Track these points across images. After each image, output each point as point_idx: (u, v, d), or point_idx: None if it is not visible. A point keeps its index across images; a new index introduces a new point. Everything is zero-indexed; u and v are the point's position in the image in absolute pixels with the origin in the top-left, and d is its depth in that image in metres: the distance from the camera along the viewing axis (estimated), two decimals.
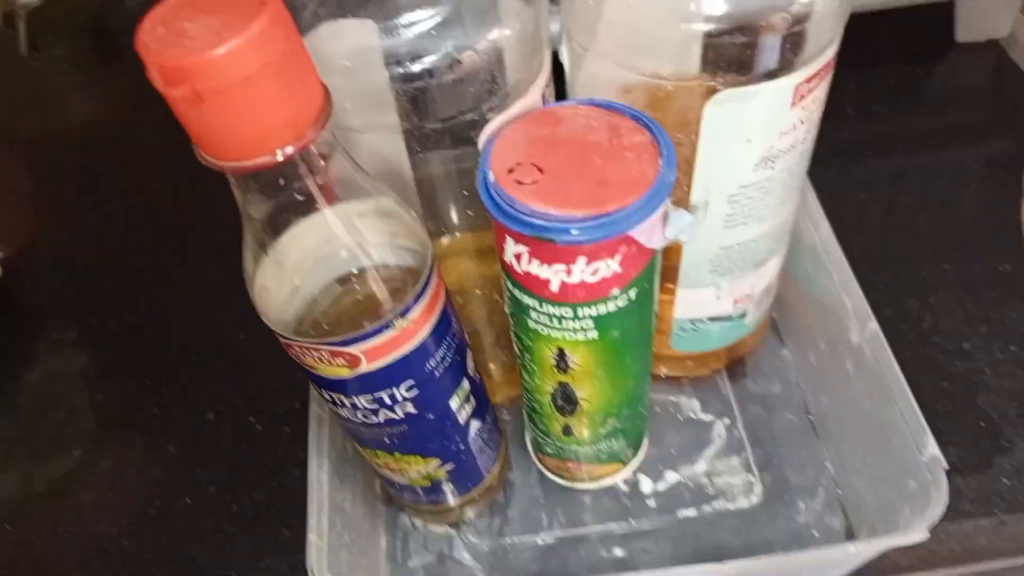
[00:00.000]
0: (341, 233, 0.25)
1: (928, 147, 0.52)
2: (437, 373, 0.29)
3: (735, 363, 0.42)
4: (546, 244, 0.24)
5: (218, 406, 0.46)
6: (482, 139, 0.28)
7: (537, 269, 0.25)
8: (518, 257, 0.25)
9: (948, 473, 0.29)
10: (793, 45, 0.27)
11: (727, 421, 0.40)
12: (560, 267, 0.24)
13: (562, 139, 0.25)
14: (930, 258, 0.46)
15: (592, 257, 0.24)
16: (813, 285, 0.38)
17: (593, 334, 0.27)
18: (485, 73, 0.27)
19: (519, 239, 0.24)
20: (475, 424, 0.34)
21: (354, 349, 0.26)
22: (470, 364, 0.32)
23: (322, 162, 0.23)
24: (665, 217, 0.25)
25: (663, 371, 0.42)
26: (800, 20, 0.27)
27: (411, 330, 0.27)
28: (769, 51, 0.27)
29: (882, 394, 0.32)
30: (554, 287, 0.25)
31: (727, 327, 0.38)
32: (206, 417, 0.45)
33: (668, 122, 0.29)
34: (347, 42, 0.26)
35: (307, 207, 0.24)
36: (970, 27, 0.57)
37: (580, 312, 0.26)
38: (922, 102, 0.55)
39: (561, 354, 0.28)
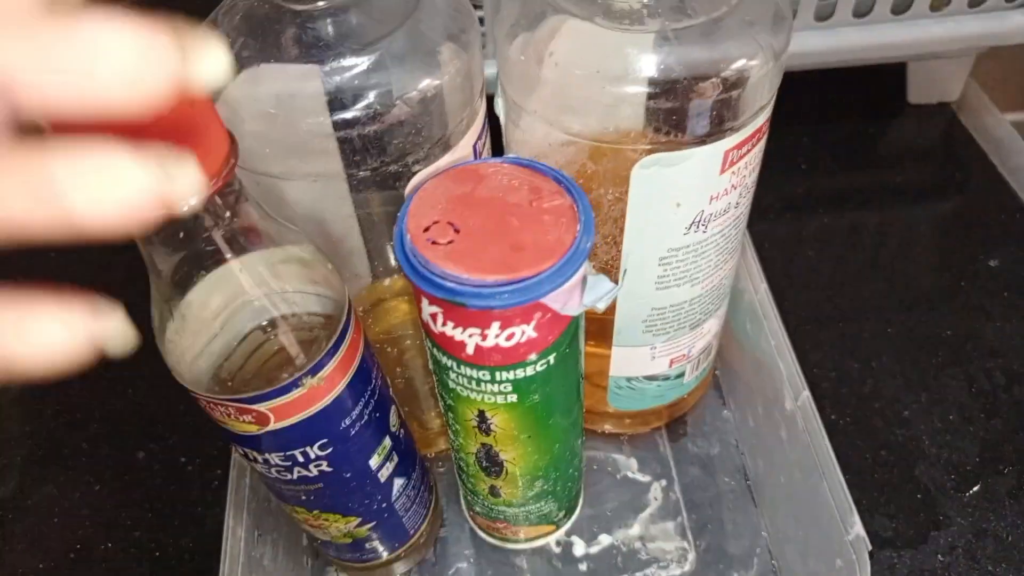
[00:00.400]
0: (250, 285, 0.25)
1: (878, 206, 0.52)
2: (354, 431, 0.28)
3: (675, 421, 0.42)
4: (459, 308, 0.23)
5: (149, 443, 0.45)
6: (407, 192, 0.27)
7: (452, 331, 0.24)
8: (433, 317, 0.24)
9: (883, 547, 0.29)
10: (723, 111, 0.27)
11: (664, 483, 0.39)
12: (474, 331, 0.24)
13: (482, 198, 0.24)
14: (875, 319, 0.45)
15: (506, 323, 0.24)
16: (753, 345, 0.38)
17: (512, 397, 0.27)
18: (412, 124, 0.26)
19: (432, 300, 0.24)
20: (399, 482, 0.33)
21: (261, 407, 0.25)
22: (393, 420, 0.31)
23: (228, 213, 0.23)
24: (583, 283, 0.25)
25: (606, 428, 0.41)
26: (730, 87, 0.26)
27: (323, 388, 0.26)
28: (698, 116, 0.27)
29: (811, 467, 0.32)
30: (469, 350, 0.25)
31: (664, 386, 0.38)
32: (136, 455, 0.44)
33: (606, 176, 0.29)
34: (272, 88, 0.26)
35: (215, 259, 0.24)
36: (922, 89, 0.58)
37: (498, 376, 0.26)
38: (873, 161, 0.55)
39: (482, 416, 0.28)
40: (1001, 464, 0.39)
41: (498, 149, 0.32)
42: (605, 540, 0.38)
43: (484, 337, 0.24)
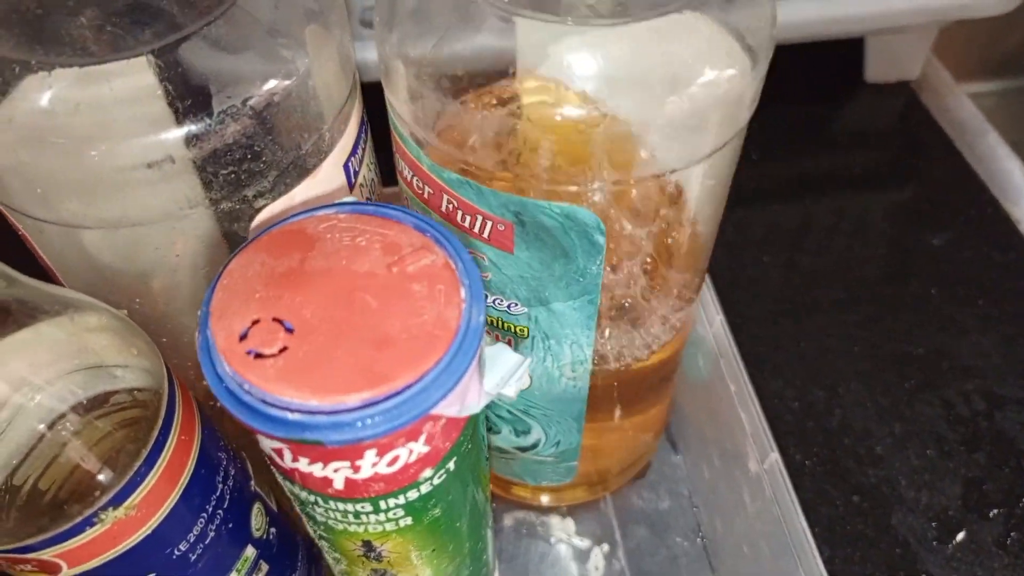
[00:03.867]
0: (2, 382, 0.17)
1: (833, 198, 0.47)
2: (194, 555, 0.21)
3: None
4: (311, 446, 0.16)
5: None
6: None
7: (309, 467, 0.17)
8: (278, 452, 0.17)
9: None
10: None
11: (606, 548, 0.33)
12: (341, 464, 0.17)
13: (318, 272, 0.17)
14: (838, 337, 0.40)
15: (385, 449, 0.17)
16: (707, 388, 0.32)
17: (407, 521, 0.20)
18: (248, 143, 0.19)
19: (271, 437, 0.16)
20: None
21: (44, 555, 0.18)
22: (257, 521, 0.24)
23: None
24: (480, 366, 0.18)
25: (541, 500, 0.34)
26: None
27: (136, 518, 0.19)
28: None
29: (783, 545, 0.26)
30: (338, 484, 0.18)
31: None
32: None
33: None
34: (33, 102, 0.18)
35: None
36: (881, 67, 0.52)
37: (383, 504, 0.19)
38: (828, 146, 0.50)
39: (369, 545, 0.21)
40: (986, 506, 0.34)
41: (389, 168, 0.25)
42: None
43: (356, 469, 0.17)
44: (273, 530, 0.25)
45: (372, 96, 0.24)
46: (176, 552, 0.21)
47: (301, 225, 0.18)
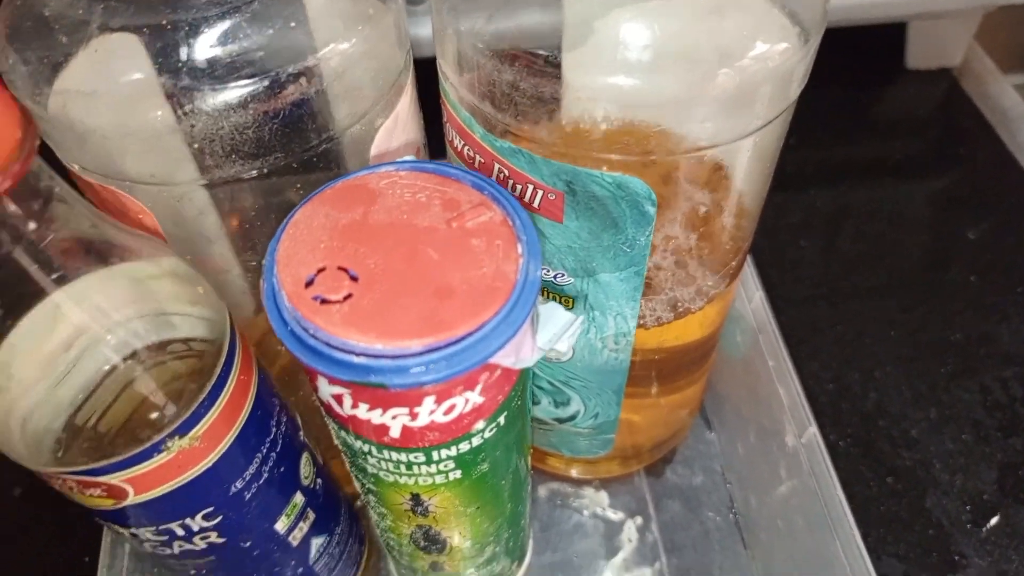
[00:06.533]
0: (80, 316, 0.18)
1: (872, 184, 0.47)
2: (249, 494, 0.22)
3: None
4: (374, 389, 0.17)
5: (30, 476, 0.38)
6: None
7: (368, 414, 0.18)
8: (338, 399, 0.18)
9: None
10: None
11: (640, 520, 0.34)
12: (400, 411, 0.17)
13: (380, 224, 0.17)
14: (875, 320, 0.40)
15: (443, 396, 0.17)
16: (744, 365, 0.32)
17: (456, 474, 0.20)
18: (297, 113, 0.20)
19: (334, 381, 0.17)
20: (318, 542, 0.26)
21: (112, 479, 0.19)
22: (306, 470, 0.25)
23: (32, 224, 0.16)
24: (534, 321, 0.18)
25: (572, 473, 0.35)
26: None
27: (199, 450, 0.20)
28: None
29: (820, 520, 0.26)
30: (394, 433, 0.18)
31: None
32: (11, 493, 0.37)
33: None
34: (119, 66, 0.19)
35: (30, 289, 0.17)
36: (922, 53, 0.52)
37: (435, 455, 0.19)
38: (867, 132, 0.50)
39: (416, 499, 0.21)
40: (1022, 491, 0.34)
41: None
42: None
43: (414, 416, 0.18)
44: (320, 481, 0.26)
45: (417, 70, 0.25)
46: (233, 488, 0.21)
47: (363, 180, 0.18)
